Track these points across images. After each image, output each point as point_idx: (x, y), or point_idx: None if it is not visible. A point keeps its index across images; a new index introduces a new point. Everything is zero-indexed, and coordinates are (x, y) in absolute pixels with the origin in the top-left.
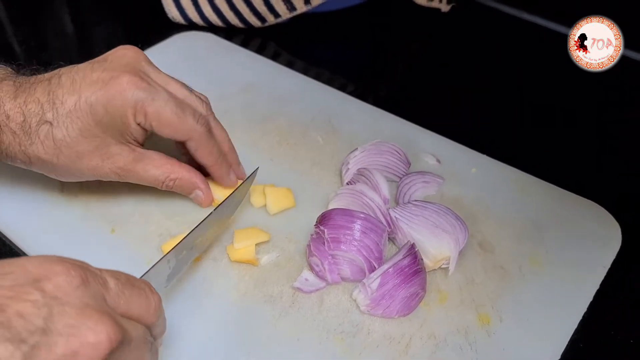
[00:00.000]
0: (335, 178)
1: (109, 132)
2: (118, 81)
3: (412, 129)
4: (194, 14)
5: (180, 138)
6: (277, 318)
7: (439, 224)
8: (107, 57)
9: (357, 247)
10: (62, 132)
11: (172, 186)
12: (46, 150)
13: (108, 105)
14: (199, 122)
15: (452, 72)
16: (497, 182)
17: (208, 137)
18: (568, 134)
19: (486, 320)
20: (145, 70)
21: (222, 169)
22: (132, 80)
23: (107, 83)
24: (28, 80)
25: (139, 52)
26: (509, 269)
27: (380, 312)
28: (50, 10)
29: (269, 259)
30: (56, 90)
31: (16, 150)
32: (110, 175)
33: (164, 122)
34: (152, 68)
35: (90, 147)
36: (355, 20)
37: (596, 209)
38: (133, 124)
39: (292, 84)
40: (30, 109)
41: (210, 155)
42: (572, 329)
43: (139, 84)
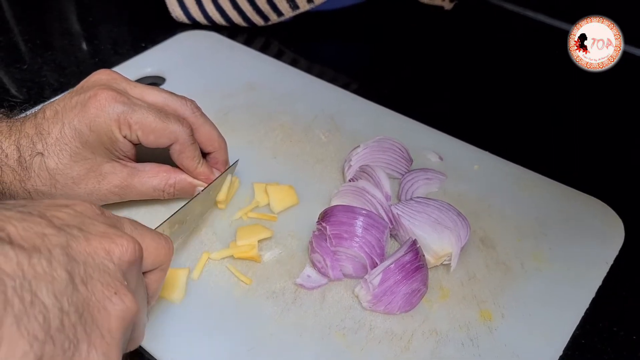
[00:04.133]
0: (338, 175)
1: (98, 152)
2: (96, 99)
3: (414, 126)
4: (198, 13)
5: (165, 143)
6: (279, 314)
7: (441, 221)
8: (83, 84)
9: (359, 244)
10: (54, 161)
11: (173, 192)
12: (43, 182)
13: (91, 124)
14: (183, 125)
15: (455, 69)
16: (500, 179)
17: (192, 141)
18: (570, 131)
19: (488, 316)
20: (121, 87)
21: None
22: (110, 95)
23: (86, 104)
24: (19, 119)
25: (112, 73)
26: (511, 265)
27: (382, 308)
28: (56, 9)
29: (272, 256)
30: (42, 123)
31: (17, 188)
32: (109, 196)
33: (148, 129)
34: (127, 83)
35: (83, 170)
36: (358, 18)
37: (599, 205)
38: (120, 137)
39: (295, 82)
40: (22, 143)
41: (193, 160)
42: (574, 325)
43: (117, 97)
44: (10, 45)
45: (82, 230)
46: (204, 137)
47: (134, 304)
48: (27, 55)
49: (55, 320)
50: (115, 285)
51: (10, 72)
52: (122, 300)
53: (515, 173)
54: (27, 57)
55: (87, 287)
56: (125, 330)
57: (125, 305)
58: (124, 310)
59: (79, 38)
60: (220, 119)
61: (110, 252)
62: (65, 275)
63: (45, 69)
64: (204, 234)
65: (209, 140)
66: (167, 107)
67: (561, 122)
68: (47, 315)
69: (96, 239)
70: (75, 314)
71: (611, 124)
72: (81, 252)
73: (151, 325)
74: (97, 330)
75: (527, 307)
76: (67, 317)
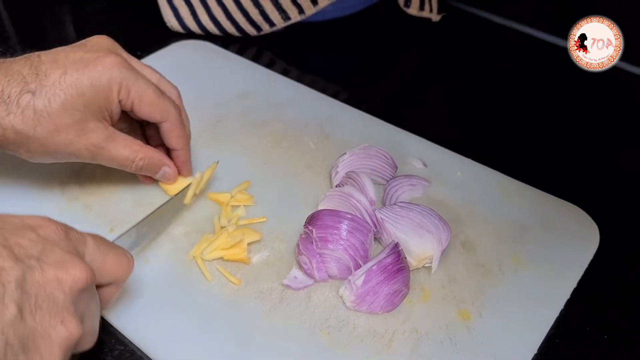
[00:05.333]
0: (325, 181)
1: (89, 108)
2: (105, 60)
3: (400, 134)
4: (192, 23)
5: (157, 118)
6: (267, 313)
7: (423, 225)
8: (85, 42)
9: (344, 246)
10: (43, 102)
11: (141, 166)
12: (25, 121)
13: (94, 80)
14: (174, 105)
15: (441, 80)
16: (481, 186)
17: (181, 121)
18: (549, 140)
19: (466, 316)
20: (124, 55)
21: (187, 154)
22: (118, 60)
23: (94, 61)
24: (4, 60)
25: (114, 41)
26: (489, 267)
27: (365, 308)
28: (53, 18)
29: (260, 258)
30: (39, 65)
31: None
32: (83, 152)
33: (145, 101)
34: (128, 55)
35: (69, 120)
36: (348, 29)
37: (576, 211)
38: (115, 100)
39: (287, 91)
40: (10, 79)
41: (181, 139)
42: (549, 324)
43: (123, 63)
44: (8, 54)
45: (40, 260)
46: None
47: (77, 330)
48: None
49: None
50: (62, 315)
51: None
52: (66, 328)
53: (496, 180)
54: None
55: (35, 318)
56: (66, 353)
57: (69, 333)
58: (67, 338)
59: None
60: (213, 126)
61: (62, 282)
62: (14, 311)
63: None
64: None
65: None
66: (160, 85)
67: (540, 131)
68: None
69: (51, 269)
70: (19, 345)
71: (591, 132)
72: (35, 283)
73: (142, 322)
74: (38, 356)
75: (504, 308)
76: (11, 349)
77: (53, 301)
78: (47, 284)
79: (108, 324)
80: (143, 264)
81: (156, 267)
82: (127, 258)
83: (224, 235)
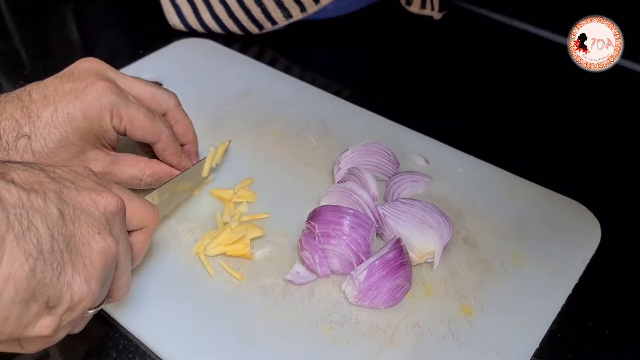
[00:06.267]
0: (327, 177)
1: (86, 139)
2: (94, 88)
3: (402, 131)
4: (194, 21)
5: (150, 140)
6: (269, 308)
7: (425, 220)
8: (72, 70)
9: (346, 242)
10: (40, 144)
11: (150, 182)
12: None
13: (87, 111)
14: (165, 125)
15: (443, 77)
16: (483, 182)
17: (174, 138)
18: (550, 137)
19: (468, 311)
20: (112, 78)
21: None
22: (107, 86)
23: (83, 91)
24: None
25: (101, 62)
26: (491, 263)
27: (367, 303)
28: (56, 17)
29: (263, 254)
30: (29, 105)
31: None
32: None
33: (136, 125)
34: (117, 74)
35: (68, 155)
36: (350, 27)
37: (577, 207)
38: (109, 127)
39: (289, 89)
40: (5, 126)
41: (176, 156)
42: (550, 319)
43: (113, 89)
44: (11, 52)
45: (74, 183)
46: (182, 130)
47: (114, 244)
48: (28, 62)
49: (47, 244)
50: (99, 227)
51: (12, 78)
52: (104, 239)
53: (498, 176)
54: (27, 63)
55: (74, 224)
56: (105, 266)
57: (107, 244)
58: (105, 248)
59: (78, 45)
60: (215, 124)
61: (96, 202)
62: (56, 212)
63: (46, 75)
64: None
65: (185, 133)
66: (154, 101)
67: (541, 130)
68: (40, 239)
69: (85, 191)
70: (63, 243)
71: (592, 129)
72: (71, 198)
73: (146, 317)
74: (80, 259)
75: (506, 303)
76: (57, 243)
77: (90, 215)
78: (83, 200)
79: (112, 319)
80: (147, 257)
81: (159, 262)
82: (151, 205)
83: (226, 231)
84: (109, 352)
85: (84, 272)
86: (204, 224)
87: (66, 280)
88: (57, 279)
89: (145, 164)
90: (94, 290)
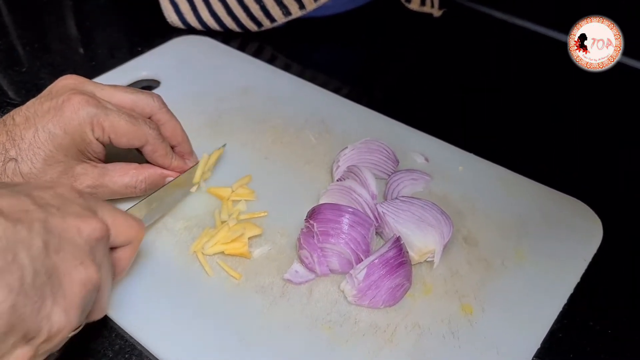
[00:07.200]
0: (326, 175)
1: (71, 154)
2: (70, 102)
3: (402, 128)
4: (193, 18)
5: (137, 144)
6: (267, 308)
7: (425, 219)
8: (51, 89)
9: (345, 240)
10: (27, 165)
11: (144, 187)
12: None
13: (66, 127)
14: (150, 127)
15: (443, 74)
16: (483, 180)
17: (162, 139)
18: (551, 135)
19: (469, 310)
20: (90, 90)
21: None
22: (83, 99)
23: (60, 108)
24: None
25: (78, 77)
26: (492, 262)
27: (367, 302)
28: (54, 14)
29: (261, 252)
30: (13, 129)
31: None
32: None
33: (120, 132)
34: (94, 86)
35: (56, 173)
36: (349, 25)
37: (579, 205)
38: (92, 139)
39: (288, 86)
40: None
41: (166, 157)
42: (552, 319)
43: (89, 101)
44: (9, 49)
45: (60, 209)
46: (169, 132)
47: (95, 274)
48: (25, 59)
49: (29, 277)
50: (82, 257)
51: (8, 75)
52: (85, 269)
53: (498, 174)
54: (25, 60)
55: (58, 255)
56: (86, 296)
57: (88, 275)
58: (87, 278)
59: (77, 42)
60: (213, 121)
61: (80, 230)
62: (40, 244)
63: (43, 72)
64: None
65: (173, 135)
66: (136, 106)
67: (541, 128)
68: (23, 273)
69: (71, 217)
70: (45, 275)
71: (593, 127)
72: (56, 226)
73: (142, 317)
74: (61, 290)
75: (506, 302)
76: (39, 277)
77: (73, 245)
78: (68, 229)
79: (108, 319)
80: (144, 256)
81: (157, 261)
82: (136, 220)
83: (224, 230)
84: (105, 353)
85: (63, 303)
86: (202, 222)
87: (46, 314)
88: (37, 313)
89: (137, 170)
90: (72, 321)
